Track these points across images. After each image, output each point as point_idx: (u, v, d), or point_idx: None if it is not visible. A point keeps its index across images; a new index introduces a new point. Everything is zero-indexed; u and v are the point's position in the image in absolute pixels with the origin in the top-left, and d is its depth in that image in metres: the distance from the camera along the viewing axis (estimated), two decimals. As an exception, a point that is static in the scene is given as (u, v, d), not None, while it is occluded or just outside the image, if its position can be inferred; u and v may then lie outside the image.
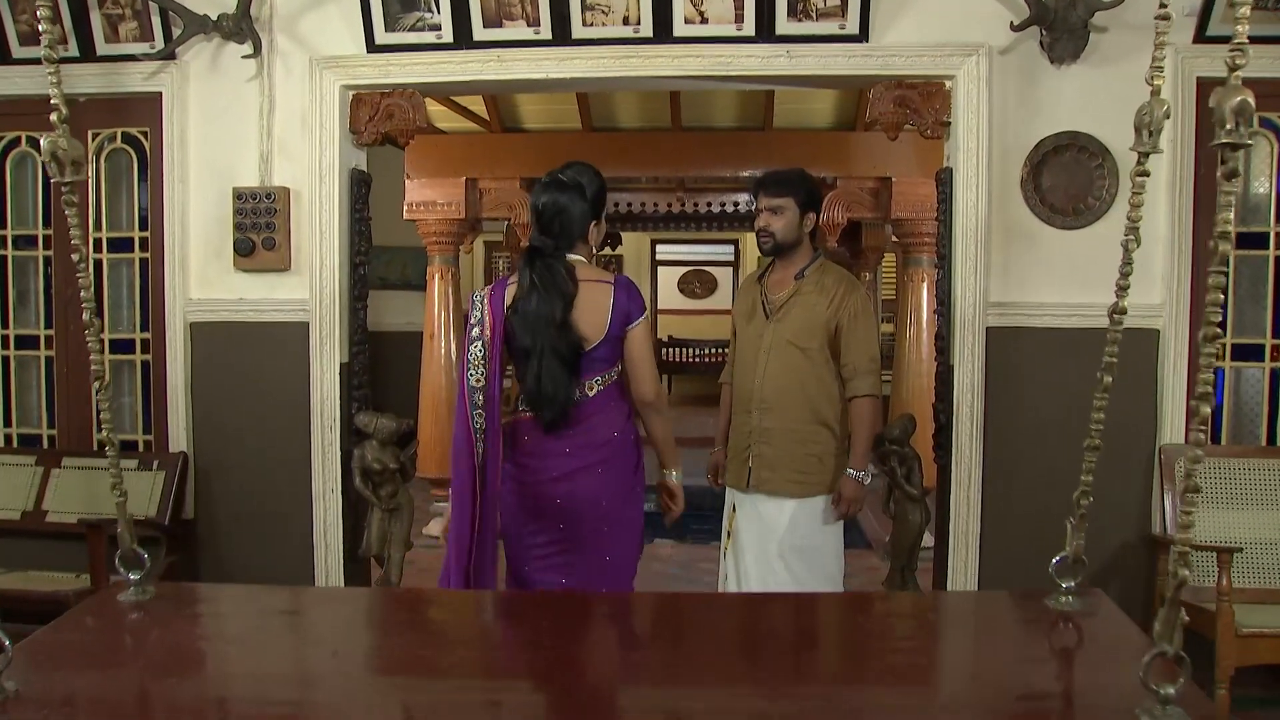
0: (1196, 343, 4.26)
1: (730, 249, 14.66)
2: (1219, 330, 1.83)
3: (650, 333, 3.33)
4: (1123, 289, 2.43)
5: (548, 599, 2.95)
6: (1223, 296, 1.88)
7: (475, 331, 3.33)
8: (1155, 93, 2.19)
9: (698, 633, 2.53)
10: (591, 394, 3.27)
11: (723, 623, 2.60)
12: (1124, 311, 2.44)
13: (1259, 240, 4.36)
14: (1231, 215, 1.82)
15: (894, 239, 7.73)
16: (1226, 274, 1.95)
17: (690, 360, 16.39)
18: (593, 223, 3.37)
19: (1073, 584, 2.47)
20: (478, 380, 3.27)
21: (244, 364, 4.69)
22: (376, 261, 11.14)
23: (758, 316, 3.92)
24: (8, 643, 1.94)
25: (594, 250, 3.46)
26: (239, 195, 4.57)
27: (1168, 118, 2.18)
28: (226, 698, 2.08)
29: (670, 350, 16.30)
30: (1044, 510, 4.35)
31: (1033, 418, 4.36)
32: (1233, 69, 1.81)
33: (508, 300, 3.31)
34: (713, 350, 16.03)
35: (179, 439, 4.71)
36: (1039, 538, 4.33)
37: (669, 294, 17.42)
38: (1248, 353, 4.37)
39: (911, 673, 2.29)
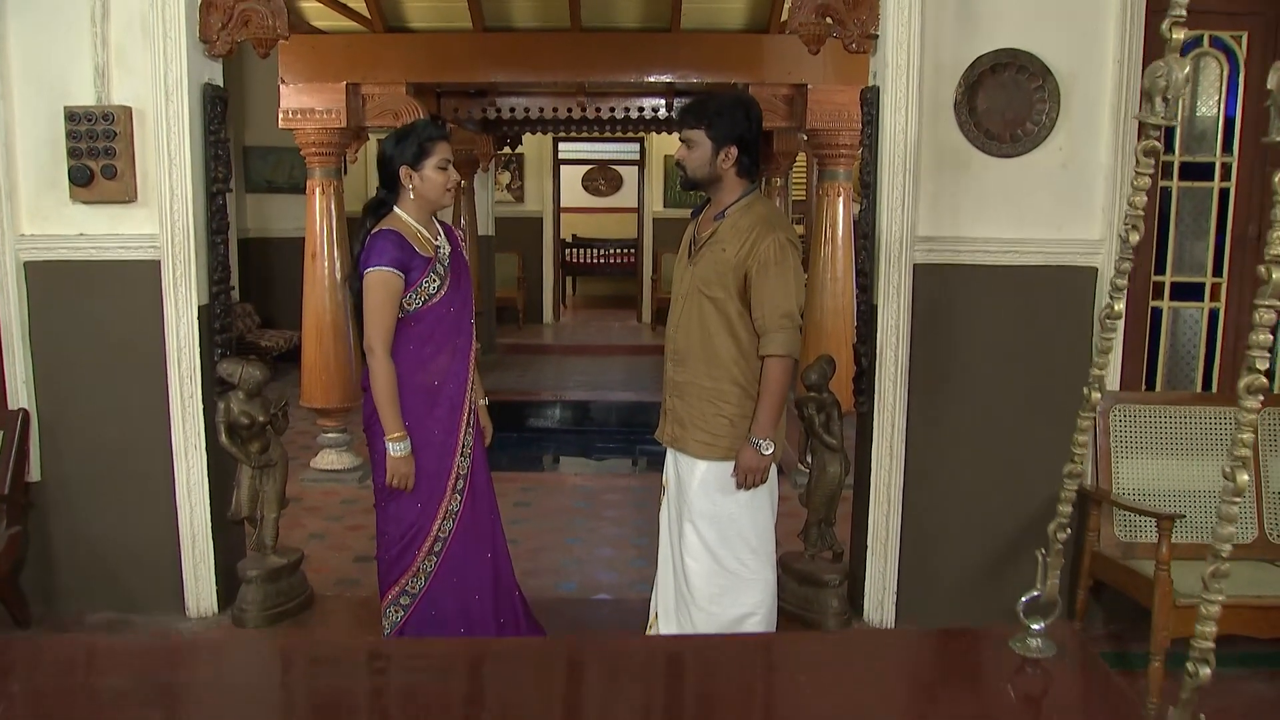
0: (1137, 283, 4.00)
1: (635, 147, 14.09)
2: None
3: (387, 282, 3.31)
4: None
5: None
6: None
7: None
8: (1173, 48, 1.68)
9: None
10: None
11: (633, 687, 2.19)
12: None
13: (1204, 171, 4.05)
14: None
15: (809, 148, 7.32)
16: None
17: (595, 261, 15.81)
18: (404, 167, 3.39)
19: (1042, 626, 2.18)
20: None
21: (89, 308, 4.17)
22: (261, 163, 10.57)
23: (684, 256, 3.52)
24: None
25: (431, 195, 3.45)
26: (72, 116, 3.99)
27: (1187, 83, 1.73)
28: None
29: (573, 251, 15.72)
30: (972, 462, 4.12)
31: (962, 362, 4.07)
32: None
33: None
34: (619, 250, 15.47)
35: (19, 394, 4.19)
36: (965, 490, 4.12)
37: (573, 192, 16.66)
38: (1187, 292, 4.10)
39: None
